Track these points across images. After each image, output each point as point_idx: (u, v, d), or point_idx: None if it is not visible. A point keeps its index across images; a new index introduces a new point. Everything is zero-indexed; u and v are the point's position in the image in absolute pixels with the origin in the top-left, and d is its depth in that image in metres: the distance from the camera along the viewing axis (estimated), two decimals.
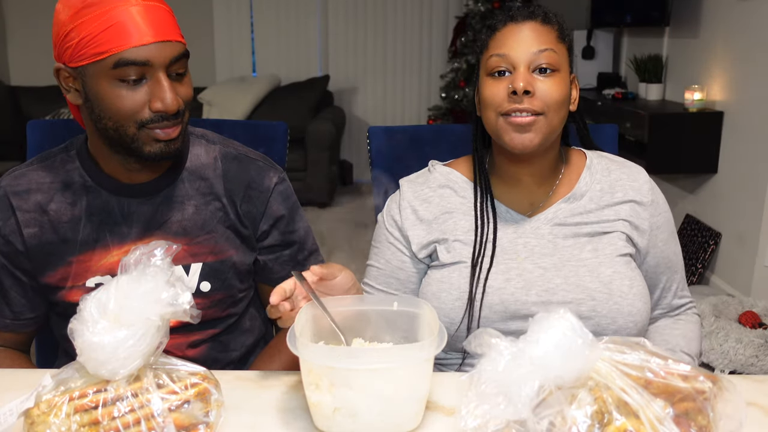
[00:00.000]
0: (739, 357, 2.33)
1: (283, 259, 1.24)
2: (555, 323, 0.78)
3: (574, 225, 1.16)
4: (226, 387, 0.99)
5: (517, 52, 1.09)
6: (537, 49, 1.08)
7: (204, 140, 1.21)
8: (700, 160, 3.31)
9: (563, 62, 1.11)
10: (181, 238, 1.15)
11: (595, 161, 1.21)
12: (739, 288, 3.09)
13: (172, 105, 1.03)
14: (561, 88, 1.09)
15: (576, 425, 0.73)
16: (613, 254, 1.14)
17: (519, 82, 1.07)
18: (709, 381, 0.77)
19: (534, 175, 1.17)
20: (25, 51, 5.41)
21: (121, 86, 1.02)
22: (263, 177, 1.20)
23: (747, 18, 3.02)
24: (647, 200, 1.18)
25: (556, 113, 1.09)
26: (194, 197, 1.17)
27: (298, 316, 0.90)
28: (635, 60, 3.95)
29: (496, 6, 4.73)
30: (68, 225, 1.13)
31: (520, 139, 1.09)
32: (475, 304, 1.11)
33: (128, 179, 1.14)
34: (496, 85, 1.10)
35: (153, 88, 1.03)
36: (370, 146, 1.48)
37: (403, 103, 5.70)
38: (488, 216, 1.16)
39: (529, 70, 1.08)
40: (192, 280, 1.16)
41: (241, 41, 5.58)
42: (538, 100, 1.08)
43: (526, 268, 1.13)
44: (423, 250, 1.19)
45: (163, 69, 1.03)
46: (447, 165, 1.25)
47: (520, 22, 1.11)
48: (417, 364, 0.84)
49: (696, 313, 1.29)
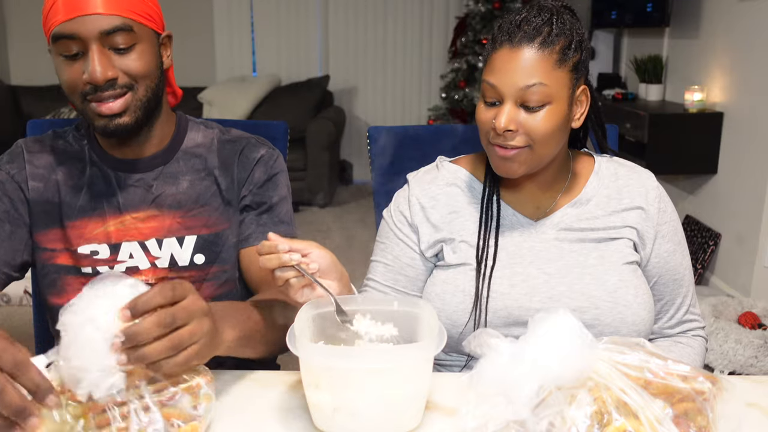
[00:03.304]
0: (739, 358, 2.33)
1: (248, 219, 1.23)
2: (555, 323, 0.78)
3: (580, 230, 1.14)
4: (226, 387, 0.99)
5: (506, 85, 1.04)
6: (524, 84, 1.03)
7: (203, 126, 1.27)
8: (700, 160, 3.31)
9: (559, 91, 1.05)
10: (175, 211, 1.19)
11: (604, 166, 1.19)
12: (738, 288, 3.09)
13: (96, 76, 1.05)
14: (551, 122, 1.05)
15: (575, 425, 0.73)
16: (619, 261, 1.12)
17: (501, 120, 1.04)
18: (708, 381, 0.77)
19: (538, 183, 1.16)
20: (25, 51, 5.41)
21: (64, 61, 1.08)
22: (253, 150, 1.25)
23: (747, 18, 3.02)
24: (654, 208, 1.16)
25: (544, 145, 1.06)
26: (188, 173, 1.21)
27: (297, 316, 0.90)
28: (635, 60, 3.95)
29: (497, 6, 4.73)
30: (71, 190, 1.19)
31: (505, 168, 1.09)
32: (481, 308, 1.11)
33: (122, 155, 1.19)
34: (486, 113, 1.08)
35: (86, 60, 1.07)
36: (370, 146, 1.48)
37: (403, 103, 5.70)
38: (492, 219, 1.16)
39: (517, 104, 1.05)
40: (186, 253, 1.19)
41: (241, 41, 5.58)
42: (522, 136, 1.05)
43: (531, 274, 1.12)
44: (430, 249, 1.18)
45: (95, 42, 1.06)
46: (454, 162, 1.24)
47: (515, 46, 1.04)
48: (417, 364, 0.85)
49: (702, 336, 1.23)
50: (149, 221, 1.18)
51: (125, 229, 1.18)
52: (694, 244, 3.38)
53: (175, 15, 5.26)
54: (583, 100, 1.12)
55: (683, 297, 1.20)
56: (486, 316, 1.11)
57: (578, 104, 1.11)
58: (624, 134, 3.52)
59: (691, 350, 1.20)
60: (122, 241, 1.18)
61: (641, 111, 3.39)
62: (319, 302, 0.94)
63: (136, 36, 1.09)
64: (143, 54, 1.10)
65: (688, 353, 1.19)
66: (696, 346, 1.21)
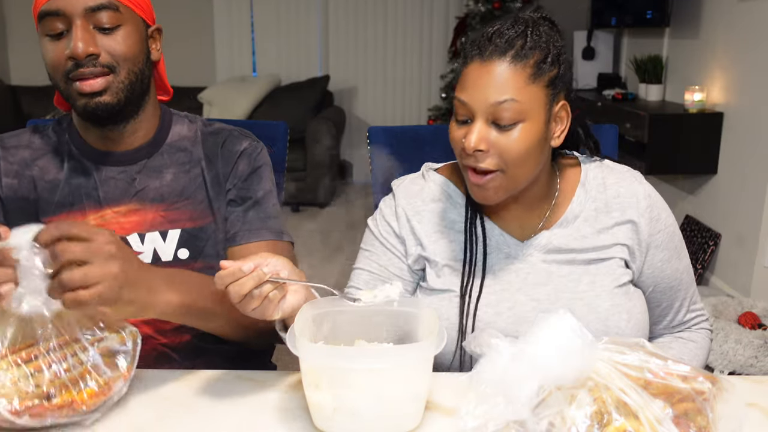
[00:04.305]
0: (739, 358, 2.33)
1: (234, 216, 1.20)
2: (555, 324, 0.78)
3: (569, 251, 1.09)
4: (226, 387, 0.99)
5: (476, 102, 0.99)
6: (495, 101, 0.98)
7: (186, 119, 1.26)
8: (700, 160, 3.31)
9: (534, 106, 0.99)
10: (158, 204, 1.17)
11: (591, 175, 1.13)
12: (738, 289, 3.09)
13: (78, 50, 1.05)
14: (524, 141, 0.99)
15: (575, 425, 0.73)
16: (611, 285, 1.08)
17: (471, 139, 0.99)
18: (708, 382, 0.77)
19: (523, 204, 1.11)
20: (25, 51, 5.40)
21: (49, 41, 1.08)
22: (236, 142, 1.23)
23: (747, 18, 3.02)
24: (645, 219, 1.10)
25: (518, 166, 1.01)
26: (173, 166, 1.20)
27: (297, 316, 0.90)
28: (635, 60, 3.94)
29: (496, 6, 4.72)
30: (48, 185, 1.17)
31: (480, 196, 1.05)
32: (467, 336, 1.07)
33: (104, 147, 1.17)
34: (457, 131, 1.03)
35: (70, 38, 1.07)
36: (370, 146, 1.48)
37: (403, 103, 5.70)
38: (477, 243, 1.11)
39: (488, 122, 1.00)
40: (169, 247, 1.16)
41: (241, 41, 5.58)
42: (494, 159, 1.00)
43: (519, 300, 1.08)
44: (416, 263, 1.15)
45: (80, 18, 1.06)
46: (442, 171, 1.19)
47: (486, 61, 0.99)
48: (417, 364, 0.85)
49: (707, 328, 1.21)
50: (131, 215, 1.16)
51: (106, 224, 1.16)
52: (694, 244, 3.38)
53: (175, 15, 5.26)
54: (563, 116, 1.05)
55: (682, 300, 1.17)
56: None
57: (557, 121, 1.05)
58: (624, 134, 3.52)
59: (693, 345, 1.18)
60: None
61: (641, 111, 3.39)
62: (318, 302, 0.94)
63: (121, 17, 1.09)
64: (128, 36, 1.10)
65: (690, 348, 1.17)
66: (698, 340, 1.19)
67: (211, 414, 0.92)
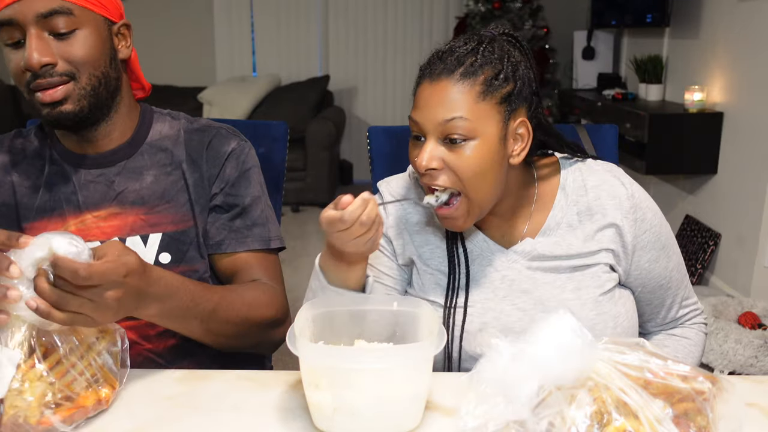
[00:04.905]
0: (739, 357, 2.33)
1: (220, 223, 1.18)
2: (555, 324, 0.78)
3: (553, 258, 1.08)
4: (226, 387, 0.99)
5: (426, 121, 0.99)
6: (443, 119, 0.97)
7: (169, 117, 1.23)
8: (699, 160, 3.31)
9: (484, 126, 0.98)
10: (138, 207, 1.15)
11: (570, 179, 1.11)
12: (738, 289, 3.09)
13: (32, 61, 1.02)
14: (476, 159, 0.98)
15: (575, 425, 0.73)
16: (596, 293, 1.07)
17: (423, 158, 0.98)
18: (708, 381, 0.77)
19: (501, 216, 1.10)
20: None
21: (10, 50, 1.06)
22: (223, 142, 1.20)
23: (747, 18, 3.02)
24: (629, 221, 1.08)
25: (476, 186, 1.00)
26: (153, 167, 1.17)
27: (297, 316, 0.90)
28: (635, 60, 3.95)
29: (496, 6, 4.72)
30: (28, 191, 1.15)
31: (450, 225, 1.04)
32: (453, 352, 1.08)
33: (81, 150, 1.15)
34: (413, 150, 1.03)
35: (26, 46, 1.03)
36: (370, 146, 1.48)
37: (403, 103, 5.69)
38: (460, 259, 1.10)
39: (439, 140, 0.99)
40: (150, 252, 1.14)
41: (241, 41, 5.58)
42: (449, 176, 0.99)
43: (504, 310, 1.08)
44: (405, 263, 1.15)
45: (33, 26, 1.02)
46: None
47: (435, 80, 0.99)
48: (417, 364, 0.85)
49: (701, 322, 1.20)
50: (111, 219, 1.14)
51: (86, 229, 1.13)
52: (694, 244, 3.38)
53: (176, 15, 5.27)
54: (524, 133, 1.03)
55: (673, 297, 1.16)
56: (459, 354, 1.08)
57: (516, 139, 1.03)
58: (624, 134, 3.52)
59: (687, 342, 1.18)
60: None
61: (641, 111, 3.39)
62: (318, 302, 0.95)
63: (77, 20, 1.05)
64: (86, 40, 1.06)
65: (684, 345, 1.17)
66: (692, 336, 1.19)
67: (211, 414, 0.92)
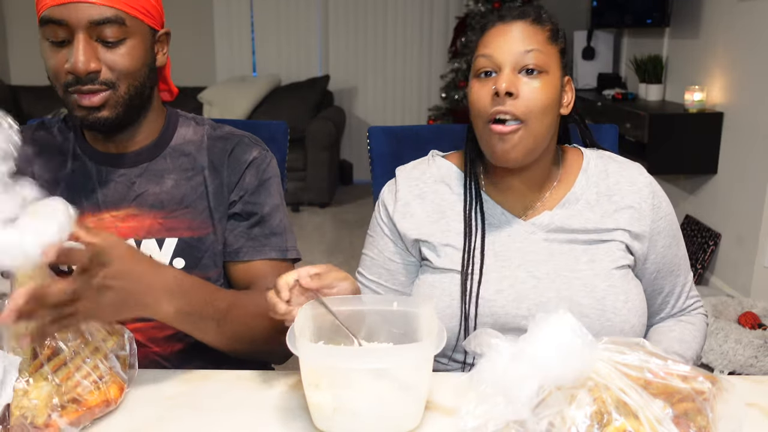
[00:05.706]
0: (739, 357, 2.34)
1: (238, 231, 1.17)
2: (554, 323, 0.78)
3: (570, 231, 1.12)
4: (226, 387, 0.99)
5: (503, 52, 1.06)
6: (523, 50, 1.05)
7: (193, 122, 1.23)
8: (700, 160, 3.31)
9: (553, 64, 1.07)
10: (156, 211, 1.14)
11: (593, 163, 1.17)
12: (738, 289, 3.09)
13: (78, 66, 1.02)
14: (548, 91, 1.06)
15: (575, 425, 0.73)
16: (609, 267, 1.10)
17: (502, 82, 1.04)
18: (708, 381, 0.77)
19: (526, 182, 1.14)
20: (25, 51, 5.41)
21: (50, 46, 1.05)
22: (245, 150, 1.20)
23: (747, 18, 3.02)
24: (647, 205, 1.13)
25: (539, 120, 1.06)
26: (174, 172, 1.17)
27: (297, 316, 0.90)
28: (635, 60, 3.95)
29: (497, 6, 4.72)
30: (48, 184, 1.14)
31: (503, 150, 1.07)
32: (469, 317, 1.09)
33: (105, 149, 1.16)
34: (482, 87, 1.08)
35: (71, 48, 1.03)
36: (370, 146, 1.48)
37: (403, 103, 5.70)
38: (477, 225, 1.13)
39: (515, 71, 1.05)
40: (164, 256, 1.13)
41: (241, 41, 5.58)
42: (521, 104, 1.04)
43: (519, 278, 1.10)
44: (412, 247, 1.17)
45: (83, 31, 1.02)
46: (447, 156, 1.22)
47: (509, 22, 1.08)
48: (417, 364, 0.85)
49: (702, 313, 1.25)
50: (128, 220, 1.14)
51: (103, 228, 1.13)
52: (694, 244, 3.38)
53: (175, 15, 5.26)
54: (569, 90, 1.14)
55: (682, 286, 1.21)
56: (475, 321, 1.09)
57: (568, 90, 1.14)
58: (624, 134, 3.52)
59: (692, 327, 1.22)
60: None
61: (641, 111, 3.39)
62: (317, 303, 0.94)
63: (127, 30, 1.05)
64: (133, 50, 1.07)
65: (690, 330, 1.21)
66: (696, 323, 1.23)
67: (211, 414, 0.92)
